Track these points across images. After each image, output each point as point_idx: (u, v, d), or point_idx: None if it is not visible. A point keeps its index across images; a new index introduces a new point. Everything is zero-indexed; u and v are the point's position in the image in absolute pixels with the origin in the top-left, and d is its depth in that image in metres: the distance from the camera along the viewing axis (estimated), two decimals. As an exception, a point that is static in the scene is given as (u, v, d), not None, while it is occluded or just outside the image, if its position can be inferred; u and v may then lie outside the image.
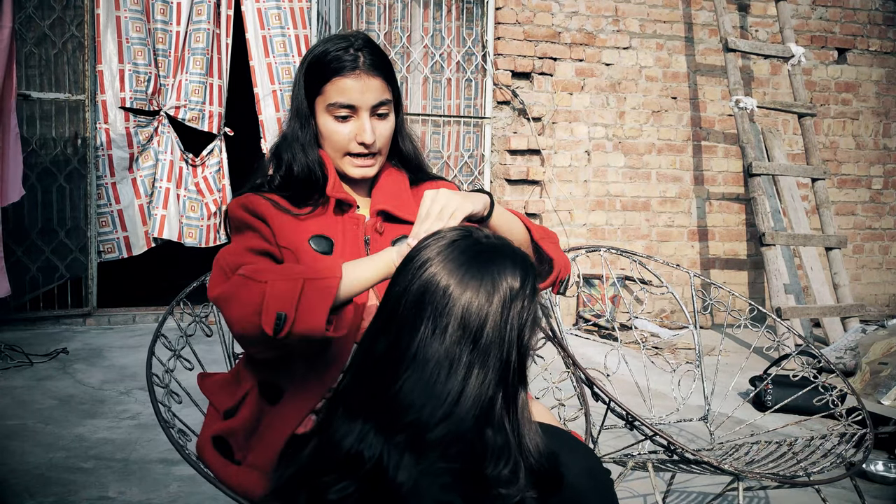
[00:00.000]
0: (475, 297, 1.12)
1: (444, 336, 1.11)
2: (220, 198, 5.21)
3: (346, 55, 1.56)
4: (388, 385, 1.13)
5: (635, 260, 2.65)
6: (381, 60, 1.59)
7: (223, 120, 5.18)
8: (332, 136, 1.59)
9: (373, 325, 1.21)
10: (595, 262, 5.05)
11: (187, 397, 1.87)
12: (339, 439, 1.15)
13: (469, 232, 1.20)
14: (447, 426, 1.10)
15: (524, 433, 1.15)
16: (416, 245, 1.22)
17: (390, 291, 1.19)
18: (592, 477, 1.37)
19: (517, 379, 1.15)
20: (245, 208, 1.57)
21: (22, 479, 2.70)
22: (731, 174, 6.05)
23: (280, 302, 1.34)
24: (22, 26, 4.67)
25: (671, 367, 2.83)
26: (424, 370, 1.11)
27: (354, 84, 1.56)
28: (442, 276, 1.13)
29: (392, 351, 1.14)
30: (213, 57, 5.10)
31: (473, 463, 1.11)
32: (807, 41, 6.16)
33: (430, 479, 1.09)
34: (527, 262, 1.18)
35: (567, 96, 5.60)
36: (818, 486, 2.05)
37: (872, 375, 4.34)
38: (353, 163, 1.61)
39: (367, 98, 1.57)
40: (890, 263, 6.53)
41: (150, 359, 1.78)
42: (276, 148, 1.66)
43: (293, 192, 1.59)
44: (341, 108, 1.57)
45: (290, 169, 1.61)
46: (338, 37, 1.62)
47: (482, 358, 1.11)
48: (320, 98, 1.59)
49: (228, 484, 1.45)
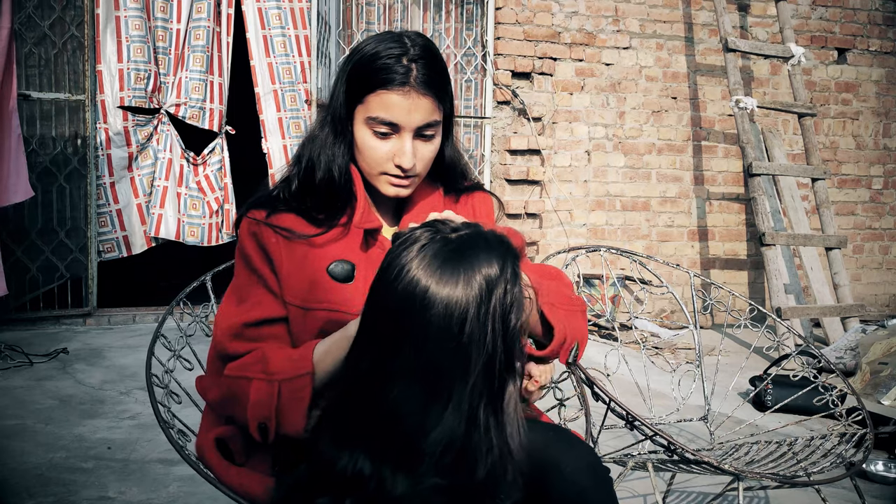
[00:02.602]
0: (454, 295, 1.08)
1: (428, 342, 1.08)
2: (221, 196, 5.20)
3: (397, 65, 1.38)
4: (376, 401, 1.10)
5: (635, 260, 2.65)
6: (436, 76, 1.43)
7: (224, 118, 5.18)
8: (367, 153, 1.44)
9: (355, 344, 1.17)
10: (595, 262, 5.05)
11: (187, 397, 1.87)
12: (331, 459, 1.13)
13: (436, 230, 1.15)
14: (439, 435, 1.08)
15: (508, 434, 1.12)
16: (386, 257, 1.16)
17: (368, 308, 1.16)
18: (593, 473, 1.36)
19: (505, 371, 1.11)
20: (255, 239, 1.45)
21: (22, 479, 2.70)
22: (731, 174, 6.05)
23: (260, 409, 1.35)
24: (22, 26, 4.67)
25: (671, 367, 2.83)
26: (412, 382, 1.09)
27: (401, 102, 1.39)
28: (420, 279, 1.09)
29: (377, 367, 1.11)
30: (213, 55, 5.10)
31: (468, 472, 1.09)
32: (807, 41, 6.16)
33: (426, 493, 1.08)
34: (503, 244, 1.14)
35: (567, 96, 5.60)
36: (818, 486, 2.05)
37: (872, 375, 4.34)
38: (389, 181, 1.45)
39: (412, 119, 1.40)
40: (890, 263, 6.53)
41: (150, 359, 1.78)
42: (301, 148, 1.51)
43: (313, 201, 1.46)
44: (383, 125, 1.40)
45: (311, 174, 1.47)
46: (392, 37, 1.43)
47: (467, 357, 1.08)
48: (361, 107, 1.42)
49: (229, 485, 1.44)
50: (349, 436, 1.12)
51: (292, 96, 5.18)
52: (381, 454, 1.10)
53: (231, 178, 5.23)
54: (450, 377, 1.08)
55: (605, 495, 1.36)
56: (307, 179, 1.47)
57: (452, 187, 1.59)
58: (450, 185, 1.58)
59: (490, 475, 1.10)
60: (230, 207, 5.19)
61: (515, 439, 1.12)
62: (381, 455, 1.10)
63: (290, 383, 1.34)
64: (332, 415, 1.18)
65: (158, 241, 5.17)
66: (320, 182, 1.46)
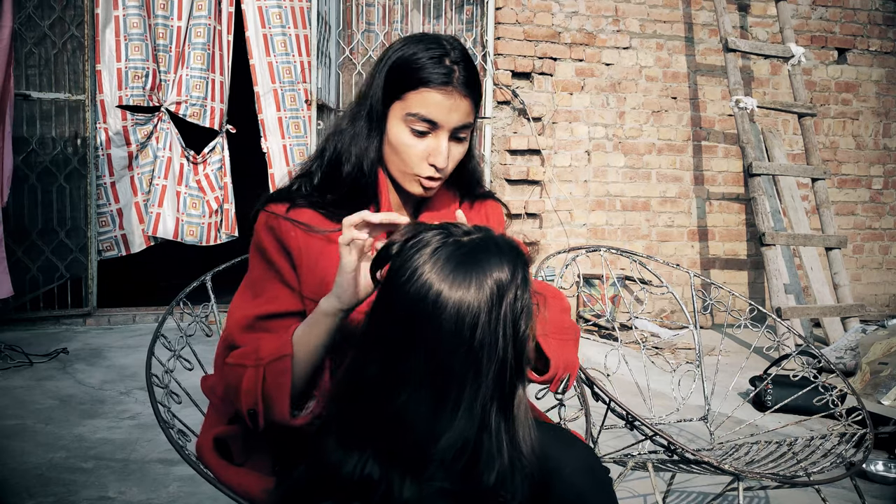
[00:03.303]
0: (466, 298, 1.07)
1: (439, 345, 1.07)
2: (221, 196, 5.19)
3: (440, 66, 1.40)
4: (384, 407, 1.09)
5: (635, 260, 2.64)
6: (475, 80, 1.44)
7: (225, 117, 5.17)
8: (403, 150, 1.43)
9: (361, 349, 1.15)
10: (595, 262, 5.05)
11: (187, 397, 1.87)
12: (335, 464, 1.11)
13: (448, 233, 1.14)
14: (449, 440, 1.07)
15: (520, 438, 1.11)
16: (395, 259, 1.14)
17: (378, 310, 1.14)
18: (591, 474, 1.36)
19: (515, 376, 1.11)
20: (273, 233, 1.44)
21: (22, 479, 2.70)
22: (731, 174, 6.05)
23: (249, 396, 1.35)
24: (22, 26, 4.67)
25: (671, 367, 2.83)
26: (422, 386, 1.07)
27: (444, 100, 1.40)
28: (432, 282, 1.08)
29: (385, 372, 1.10)
30: (214, 52, 5.09)
31: (477, 477, 1.08)
32: (807, 41, 6.16)
33: (434, 498, 1.07)
34: (514, 250, 1.14)
35: (567, 96, 5.60)
36: (818, 486, 2.05)
37: (872, 375, 4.34)
38: (419, 181, 1.45)
39: (452, 118, 1.41)
40: (890, 263, 6.53)
41: (150, 359, 1.78)
42: (324, 141, 1.50)
43: (336, 197, 1.45)
44: (422, 122, 1.41)
45: (336, 167, 1.46)
46: (431, 39, 1.44)
47: (478, 361, 1.07)
48: (399, 103, 1.42)
49: (229, 485, 1.44)
50: (357, 439, 1.11)
51: (292, 96, 5.18)
52: (389, 458, 1.09)
53: (231, 178, 5.23)
54: (461, 381, 1.07)
55: (605, 496, 1.36)
56: (332, 173, 1.46)
57: (469, 193, 1.60)
58: (467, 191, 1.59)
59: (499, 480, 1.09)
60: (230, 207, 5.18)
61: (527, 443, 1.12)
62: (389, 459, 1.09)
63: (272, 366, 1.34)
64: (337, 417, 1.16)
65: (157, 240, 5.17)
66: (347, 176, 1.45)
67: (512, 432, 1.11)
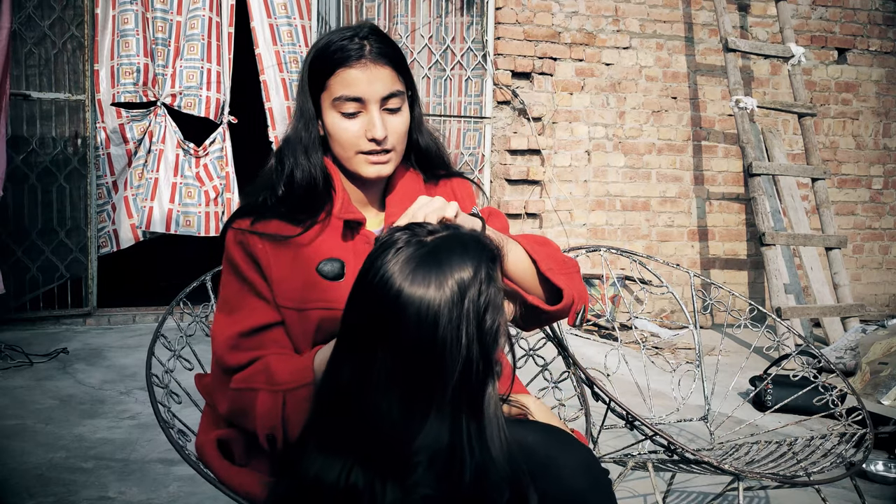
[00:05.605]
0: (426, 296, 1.07)
1: (403, 345, 1.07)
2: (221, 185, 5.10)
3: (350, 44, 1.44)
4: (360, 412, 1.09)
5: (635, 260, 2.65)
6: (390, 48, 1.47)
7: (223, 107, 5.09)
8: (339, 135, 1.47)
9: (335, 354, 1.16)
10: (595, 262, 5.05)
11: (187, 397, 1.87)
12: (317, 473, 1.11)
13: (412, 233, 1.15)
14: (424, 442, 1.06)
15: (488, 437, 1.10)
16: (366, 260, 1.15)
17: (348, 311, 1.15)
18: (590, 475, 1.35)
19: (482, 372, 1.09)
20: (242, 247, 1.47)
21: (22, 479, 2.70)
22: (731, 174, 6.05)
23: (267, 419, 1.38)
24: (22, 26, 4.67)
25: (671, 367, 2.83)
26: (391, 389, 1.07)
27: (360, 74, 1.43)
28: (394, 281, 1.09)
29: (357, 376, 1.10)
30: (210, 43, 5.02)
31: (456, 479, 1.07)
32: (807, 41, 6.16)
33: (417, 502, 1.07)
34: (478, 246, 1.14)
35: (567, 96, 5.60)
36: (818, 485, 2.05)
37: (872, 375, 4.34)
38: (367, 160, 1.48)
39: (375, 89, 1.44)
40: (890, 263, 6.53)
41: (150, 359, 1.78)
42: (278, 153, 1.54)
43: (295, 202, 1.48)
44: (348, 102, 1.44)
45: (291, 176, 1.49)
46: (343, 28, 1.50)
47: (442, 360, 1.07)
48: (325, 94, 1.47)
49: (229, 485, 1.44)
50: (338, 446, 1.11)
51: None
52: (368, 464, 1.08)
53: (234, 168, 5.11)
54: (428, 382, 1.07)
55: (604, 497, 1.35)
56: (290, 182, 1.50)
57: (432, 174, 1.62)
58: (429, 172, 1.61)
59: (477, 480, 1.08)
60: (231, 197, 5.09)
61: (496, 442, 1.11)
62: (368, 465, 1.08)
63: (294, 393, 1.37)
64: (316, 425, 1.16)
65: (148, 234, 5.07)
66: (301, 181, 1.49)
67: (482, 431, 1.10)
